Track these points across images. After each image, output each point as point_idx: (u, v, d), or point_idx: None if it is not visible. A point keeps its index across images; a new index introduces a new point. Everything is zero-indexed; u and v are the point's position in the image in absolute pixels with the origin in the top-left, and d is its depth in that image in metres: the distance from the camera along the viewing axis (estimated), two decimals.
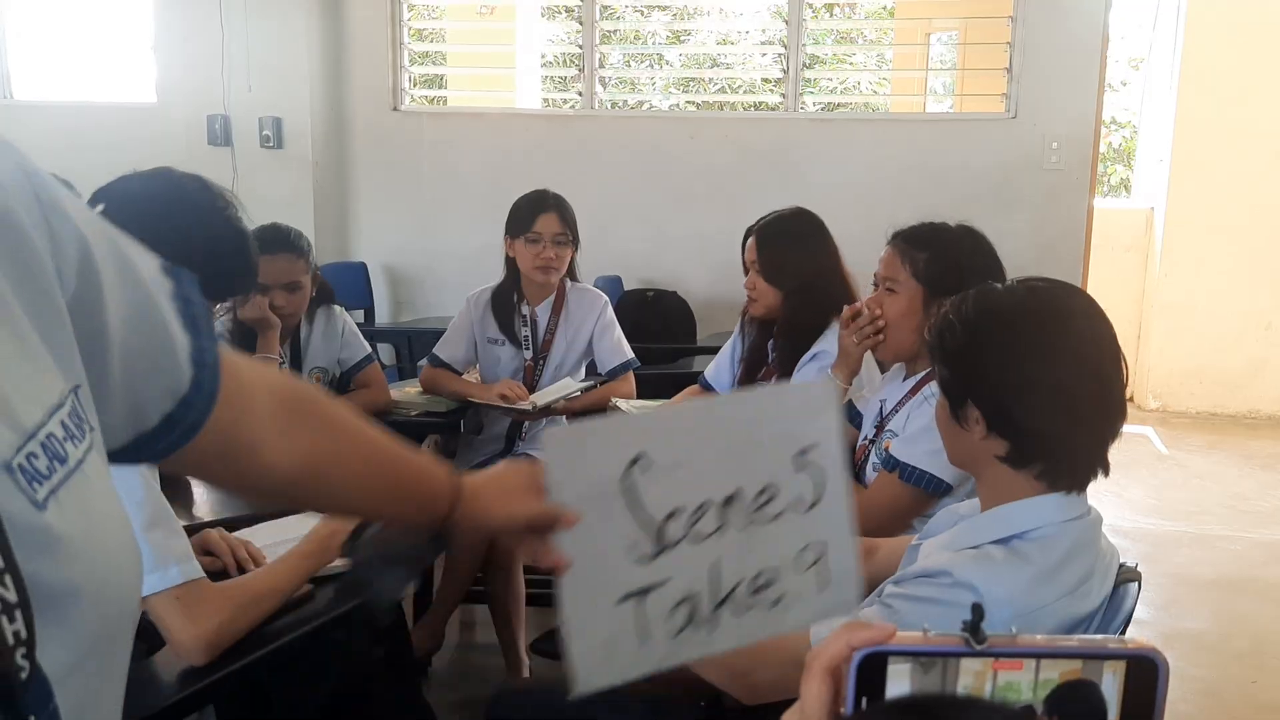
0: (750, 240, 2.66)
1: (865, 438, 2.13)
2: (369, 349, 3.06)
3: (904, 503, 1.90)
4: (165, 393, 0.71)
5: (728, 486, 0.96)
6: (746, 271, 2.66)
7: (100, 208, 1.48)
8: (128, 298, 0.66)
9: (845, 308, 2.20)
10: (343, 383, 3.06)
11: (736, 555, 0.97)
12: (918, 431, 1.92)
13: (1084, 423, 1.27)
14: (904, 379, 2.09)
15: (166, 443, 0.72)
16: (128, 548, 0.62)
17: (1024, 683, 0.49)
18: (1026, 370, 1.26)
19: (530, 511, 0.95)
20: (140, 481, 1.38)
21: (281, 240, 2.76)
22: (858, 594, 1.05)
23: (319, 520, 1.77)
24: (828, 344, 2.44)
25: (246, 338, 2.73)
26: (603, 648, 0.94)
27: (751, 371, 2.73)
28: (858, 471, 2.11)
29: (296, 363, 2.93)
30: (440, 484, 0.97)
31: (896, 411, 2.04)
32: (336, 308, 3.04)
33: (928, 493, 1.87)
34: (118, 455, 0.70)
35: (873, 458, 2.07)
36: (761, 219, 2.69)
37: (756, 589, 0.98)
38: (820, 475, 0.98)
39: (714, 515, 0.95)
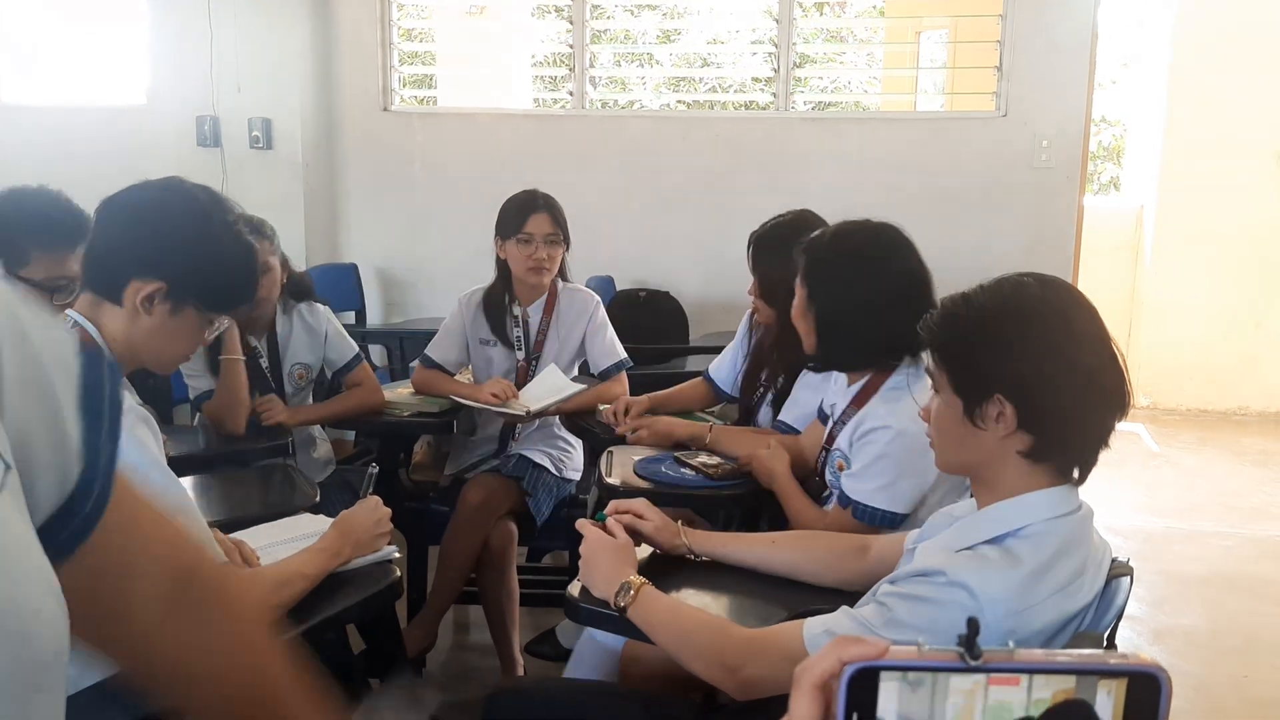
0: (750, 250, 2.54)
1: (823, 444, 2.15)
2: (357, 348, 3.05)
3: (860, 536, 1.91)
4: (53, 486, 0.62)
5: None
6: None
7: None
8: (22, 378, 0.60)
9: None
10: (334, 383, 3.05)
11: None
12: (863, 467, 1.93)
13: (1108, 407, 1.29)
14: (848, 385, 2.09)
15: (52, 549, 0.61)
16: (45, 594, 0.58)
17: (1015, 702, 0.48)
18: (1060, 358, 1.26)
19: None
20: (158, 472, 1.39)
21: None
22: None
23: (326, 520, 1.78)
24: None
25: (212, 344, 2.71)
26: None
27: (755, 371, 2.71)
28: (819, 472, 2.13)
29: (275, 358, 2.92)
30: None
31: (843, 424, 2.04)
32: (319, 305, 3.02)
33: (880, 527, 1.88)
34: None
35: (828, 474, 2.08)
36: (763, 225, 2.54)
37: None
38: None
39: None
